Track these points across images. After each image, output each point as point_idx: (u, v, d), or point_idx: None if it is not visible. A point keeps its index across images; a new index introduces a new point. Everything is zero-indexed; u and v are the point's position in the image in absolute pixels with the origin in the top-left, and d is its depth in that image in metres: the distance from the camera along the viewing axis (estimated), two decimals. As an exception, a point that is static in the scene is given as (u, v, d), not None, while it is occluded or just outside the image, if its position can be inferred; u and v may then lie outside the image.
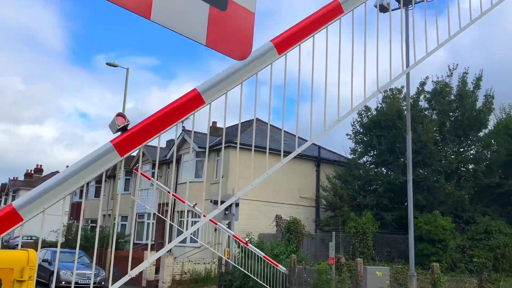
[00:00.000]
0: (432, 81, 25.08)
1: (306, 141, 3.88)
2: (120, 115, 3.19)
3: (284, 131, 3.77)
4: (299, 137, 3.79)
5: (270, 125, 3.84)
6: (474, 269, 20.27)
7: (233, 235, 15.83)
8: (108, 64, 25.47)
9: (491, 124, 27.05)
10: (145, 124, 3.18)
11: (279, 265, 16.12)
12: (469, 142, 25.93)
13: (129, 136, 3.13)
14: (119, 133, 3.15)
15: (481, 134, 25.89)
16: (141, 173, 10.16)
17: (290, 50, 3.57)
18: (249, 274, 15.35)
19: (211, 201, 15.97)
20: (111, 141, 3.11)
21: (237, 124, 3.45)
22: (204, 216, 3.75)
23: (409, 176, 16.69)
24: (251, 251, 15.68)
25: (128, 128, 3.17)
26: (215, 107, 3.41)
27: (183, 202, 15.06)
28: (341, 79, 3.85)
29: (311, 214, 26.70)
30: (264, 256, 15.95)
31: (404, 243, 21.70)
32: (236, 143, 24.88)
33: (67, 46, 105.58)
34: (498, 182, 24.78)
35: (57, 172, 62.60)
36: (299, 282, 15.69)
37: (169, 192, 13.64)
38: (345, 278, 15.45)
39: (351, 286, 15.01)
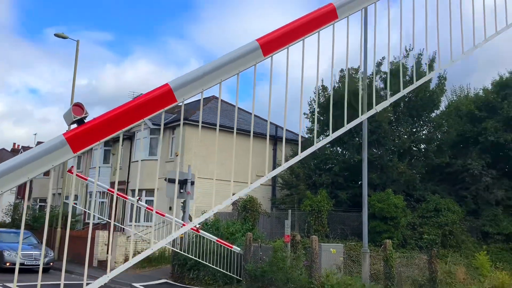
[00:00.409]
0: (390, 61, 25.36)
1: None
2: (78, 105, 2.73)
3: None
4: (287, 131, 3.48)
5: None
6: (424, 246, 20.95)
7: (183, 224, 15.47)
8: (56, 35, 24.12)
9: (442, 106, 27.84)
10: (106, 118, 2.76)
11: (233, 246, 16.02)
12: (421, 122, 26.57)
13: (87, 131, 2.69)
14: (75, 125, 2.70)
15: (433, 115, 26.59)
16: (76, 175, 9.62)
17: (277, 52, 3.25)
18: (200, 260, 15.20)
19: (165, 179, 15.52)
20: (64, 134, 2.66)
21: (194, 102, 3.09)
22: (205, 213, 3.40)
23: (364, 154, 16.84)
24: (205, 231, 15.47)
25: (86, 121, 2.72)
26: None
27: (126, 198, 14.61)
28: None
29: (268, 193, 26.72)
30: (217, 240, 15.79)
31: (358, 220, 22.14)
32: (192, 121, 24.33)
33: (15, 19, 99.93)
34: (447, 162, 25.64)
35: (3, 149, 59.39)
36: (254, 260, 15.63)
37: (109, 190, 13.34)
38: (300, 255, 15.52)
39: (306, 263, 15.09)
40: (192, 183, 15.83)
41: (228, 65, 3.08)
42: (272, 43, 3.21)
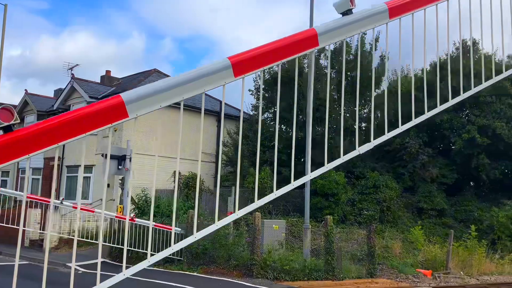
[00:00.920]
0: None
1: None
2: (6, 109, 2.24)
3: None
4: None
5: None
6: (362, 221, 21.53)
7: (116, 216, 14.83)
8: (-20, -3, 22.10)
9: (384, 85, 28.45)
10: (42, 129, 2.33)
11: (173, 228, 15.59)
12: (363, 101, 27.04)
13: (12, 141, 2.26)
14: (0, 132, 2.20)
15: (375, 94, 27.11)
16: None
17: (249, 74, 2.94)
18: (137, 250, 14.65)
19: (102, 155, 14.77)
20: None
21: (133, 75, 2.67)
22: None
23: (308, 129, 16.79)
24: (144, 210, 14.92)
25: (15, 128, 2.26)
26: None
27: (48, 202, 13.77)
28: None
29: (211, 170, 26.36)
30: (155, 225, 15.28)
31: (300, 197, 22.35)
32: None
33: None
34: (386, 140, 26.31)
35: None
36: (196, 238, 15.32)
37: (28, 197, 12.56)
38: (242, 232, 15.42)
39: (248, 240, 15.01)
40: (131, 159, 15.17)
41: (194, 82, 2.73)
42: (246, 64, 2.88)
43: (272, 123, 25.74)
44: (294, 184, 3.23)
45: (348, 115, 25.64)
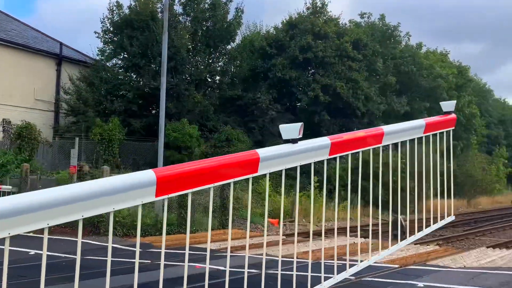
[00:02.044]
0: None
1: None
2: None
3: None
4: None
5: None
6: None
7: None
8: None
9: (238, 39, 28.36)
10: None
11: (2, 186, 13.49)
12: (218, 54, 26.63)
13: None
14: None
15: (229, 47, 26.88)
16: None
17: (173, 195, 2.39)
18: None
19: None
20: None
21: None
22: None
23: (163, 79, 15.77)
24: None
25: None
26: None
27: None
28: None
29: (49, 120, 23.51)
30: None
31: (151, 150, 21.39)
32: None
33: None
34: (239, 95, 26.56)
35: None
36: (32, 195, 13.48)
37: None
38: (88, 187, 14.00)
39: (95, 196, 13.71)
40: None
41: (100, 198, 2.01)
42: (170, 185, 2.28)
43: (121, 70, 23.80)
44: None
45: (203, 67, 25.05)
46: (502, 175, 40.00)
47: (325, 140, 3.04)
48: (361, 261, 3.95)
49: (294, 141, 2.74)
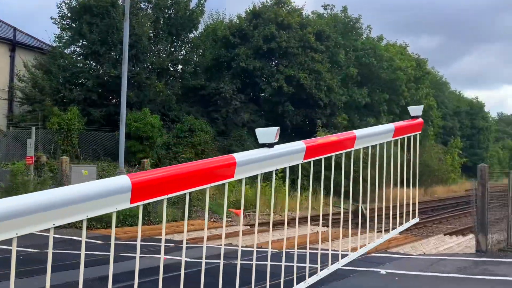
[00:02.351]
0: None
1: None
2: None
3: None
4: None
5: None
6: (177, 165, 21.31)
7: None
8: None
9: (201, 27, 27.99)
10: None
11: None
12: (180, 42, 26.20)
13: None
14: None
15: (192, 36, 26.50)
16: None
17: (148, 201, 2.33)
18: None
19: None
20: None
21: None
22: None
23: (124, 68, 15.36)
24: None
25: None
26: None
27: None
28: None
29: (3, 108, 22.50)
30: None
31: (112, 140, 20.87)
32: None
33: None
34: (202, 85, 26.28)
35: None
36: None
37: None
38: (46, 178, 13.54)
39: (54, 187, 13.25)
40: None
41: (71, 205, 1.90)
42: (148, 190, 2.20)
43: (80, 57, 23.02)
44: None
45: (165, 55, 24.59)
46: (457, 165, 41.50)
47: (300, 144, 3.03)
48: (343, 254, 3.99)
49: (270, 145, 2.71)
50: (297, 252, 3.99)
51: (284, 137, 31.04)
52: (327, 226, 16.37)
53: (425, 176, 32.96)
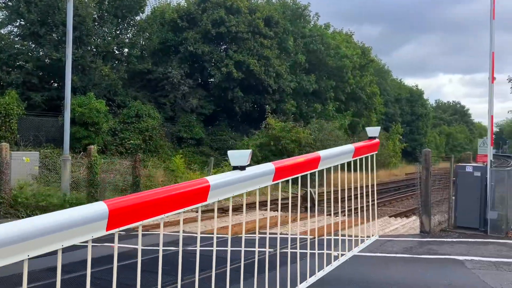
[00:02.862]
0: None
1: None
2: None
3: None
4: None
5: None
6: (124, 151, 20.77)
7: None
8: None
9: (147, 10, 27.20)
10: None
11: None
12: (126, 25, 25.36)
13: None
14: None
15: (138, 18, 25.72)
16: None
17: (124, 228, 2.18)
18: None
19: None
20: None
21: None
22: None
23: (68, 50, 14.67)
24: None
25: None
26: None
27: None
28: None
29: None
30: None
31: (54, 126, 19.99)
32: None
33: None
34: (149, 69, 25.66)
35: None
36: None
37: None
38: (-16, 166, 12.76)
39: (-7, 175, 12.56)
40: None
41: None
42: (124, 216, 2.12)
43: (18, 38, 21.73)
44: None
45: (110, 38, 23.74)
46: (398, 150, 43.22)
47: (270, 166, 3.10)
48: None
49: (242, 168, 2.75)
50: (254, 236, 4.03)
51: (233, 124, 31.01)
52: (276, 211, 16.56)
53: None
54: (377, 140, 4.51)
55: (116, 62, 24.57)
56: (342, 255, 4.22)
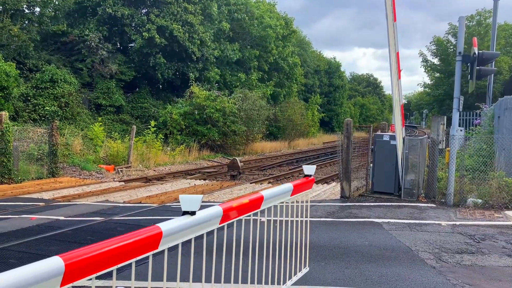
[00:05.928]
0: None
1: None
2: None
3: None
4: None
5: None
6: (38, 118, 19.54)
7: None
8: None
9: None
10: None
11: None
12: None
13: None
14: None
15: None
16: None
17: (77, 282, 1.97)
18: None
19: None
20: None
21: None
22: None
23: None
24: None
25: None
26: None
27: None
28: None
29: None
30: None
31: (-44, 90, 18.20)
32: None
33: None
34: (64, 31, 24.07)
35: None
36: None
37: None
38: None
39: None
40: None
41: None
42: (79, 271, 1.95)
43: None
44: None
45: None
46: (316, 119, 44.77)
47: (218, 209, 3.12)
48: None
49: (193, 213, 2.75)
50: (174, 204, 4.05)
51: (155, 92, 30.12)
52: (204, 180, 16.64)
53: (289, 130, 35.09)
54: (312, 177, 4.75)
55: (27, 21, 22.70)
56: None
